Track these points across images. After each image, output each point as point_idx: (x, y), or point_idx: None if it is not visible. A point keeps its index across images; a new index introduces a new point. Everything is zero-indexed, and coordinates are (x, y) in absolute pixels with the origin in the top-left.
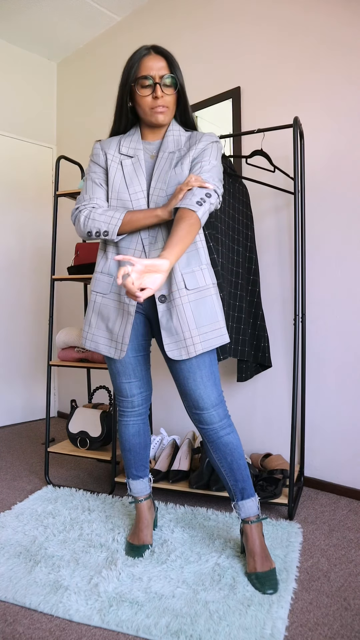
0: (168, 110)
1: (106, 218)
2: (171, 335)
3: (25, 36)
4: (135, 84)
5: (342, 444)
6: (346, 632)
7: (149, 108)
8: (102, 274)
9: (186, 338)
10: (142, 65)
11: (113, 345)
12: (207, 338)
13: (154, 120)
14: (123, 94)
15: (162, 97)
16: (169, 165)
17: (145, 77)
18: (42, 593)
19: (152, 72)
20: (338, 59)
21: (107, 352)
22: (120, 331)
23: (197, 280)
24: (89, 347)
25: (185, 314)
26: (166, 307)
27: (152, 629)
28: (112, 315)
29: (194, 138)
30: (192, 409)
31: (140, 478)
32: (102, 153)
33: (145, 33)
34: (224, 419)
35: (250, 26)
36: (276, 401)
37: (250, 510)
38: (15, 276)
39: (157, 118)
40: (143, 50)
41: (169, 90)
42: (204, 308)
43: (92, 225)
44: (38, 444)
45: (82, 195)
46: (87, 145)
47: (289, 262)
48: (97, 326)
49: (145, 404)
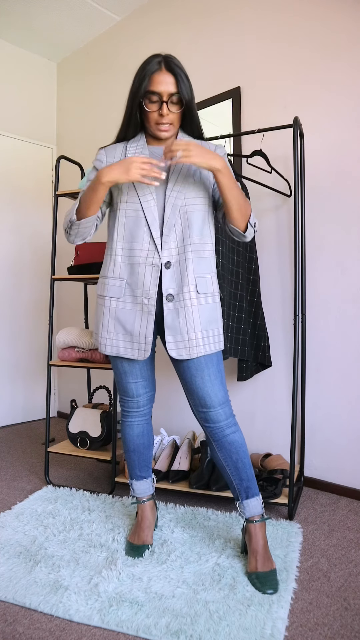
0: (172, 127)
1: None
2: (175, 334)
3: (25, 36)
4: (144, 98)
5: (342, 444)
6: (346, 632)
7: (155, 123)
8: (114, 278)
9: (190, 339)
10: (152, 81)
11: (135, 347)
12: (209, 342)
13: (158, 135)
14: (133, 104)
15: (167, 115)
16: (187, 169)
17: (154, 92)
18: (42, 593)
19: (161, 88)
20: (338, 59)
21: (129, 354)
22: (142, 331)
23: (207, 285)
24: (110, 353)
25: (192, 316)
26: (173, 306)
27: (152, 629)
28: (130, 318)
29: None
30: (198, 407)
31: (144, 478)
32: (105, 160)
33: (145, 33)
34: (230, 417)
35: (250, 26)
36: (276, 401)
37: (255, 510)
38: (15, 276)
39: (161, 135)
40: (155, 65)
41: (175, 108)
42: (209, 313)
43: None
44: (38, 444)
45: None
46: (87, 145)
47: (289, 262)
48: (115, 330)
49: (150, 404)
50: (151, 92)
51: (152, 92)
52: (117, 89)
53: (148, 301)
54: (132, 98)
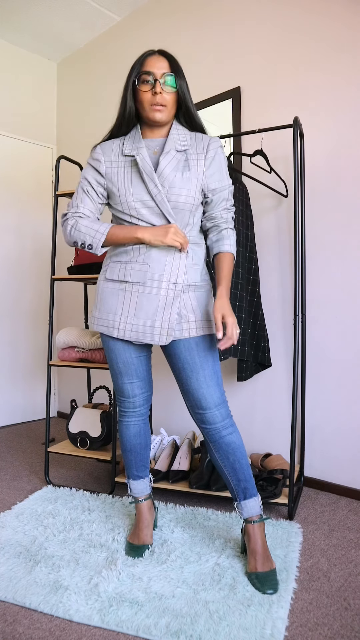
0: (166, 109)
1: (91, 231)
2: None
3: (25, 36)
4: (137, 80)
5: (342, 444)
6: (346, 632)
7: (148, 104)
8: (137, 263)
9: (189, 321)
10: (145, 63)
11: (157, 332)
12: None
13: (151, 116)
14: (127, 92)
15: (160, 93)
16: (175, 164)
17: (147, 72)
18: (42, 593)
19: (154, 69)
20: (338, 59)
21: (150, 340)
22: (165, 318)
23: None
24: (129, 338)
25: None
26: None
27: (152, 629)
28: (154, 303)
29: (200, 141)
30: (194, 408)
31: (141, 478)
32: (102, 159)
33: (145, 33)
34: (227, 418)
35: (250, 26)
36: (276, 401)
37: (253, 510)
38: (15, 276)
39: (155, 115)
40: (149, 51)
41: (169, 89)
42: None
43: (78, 237)
44: (38, 444)
45: (72, 201)
46: (87, 145)
47: (289, 262)
48: (136, 315)
49: (147, 404)
50: (145, 72)
51: (146, 72)
52: (117, 88)
53: (174, 287)
54: (127, 85)
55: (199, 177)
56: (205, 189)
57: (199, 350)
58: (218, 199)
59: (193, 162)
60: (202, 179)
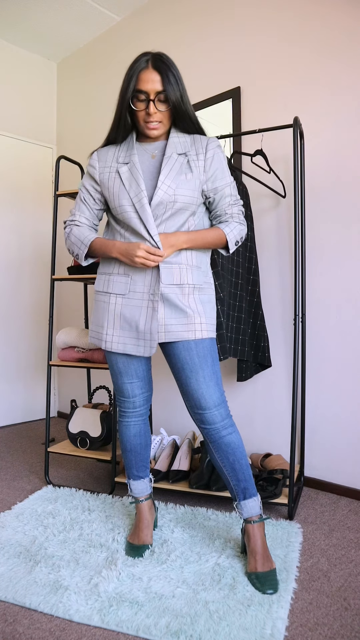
0: (161, 125)
1: (77, 242)
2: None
3: (25, 36)
4: (132, 97)
5: (342, 444)
6: (346, 632)
7: (143, 122)
8: (119, 275)
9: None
10: (139, 79)
11: (141, 343)
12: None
13: (147, 133)
14: (122, 105)
15: (154, 113)
16: (179, 166)
17: (141, 91)
18: (42, 593)
19: (147, 87)
20: (338, 59)
21: (135, 351)
22: (147, 328)
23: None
24: (116, 350)
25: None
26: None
27: (152, 629)
28: (136, 314)
29: (198, 142)
30: (194, 408)
31: (141, 478)
32: (97, 165)
33: (145, 33)
34: (226, 418)
35: (250, 26)
36: (276, 401)
37: (253, 510)
38: (15, 276)
39: (151, 133)
40: (142, 63)
41: (163, 107)
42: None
43: (69, 245)
44: (38, 444)
45: (72, 209)
46: (87, 145)
47: (288, 262)
48: (121, 327)
49: (146, 404)
50: (138, 90)
51: (139, 90)
52: (117, 88)
53: (153, 297)
54: (122, 98)
55: (200, 177)
56: (207, 188)
57: (198, 351)
58: (220, 197)
59: (194, 164)
60: (203, 179)
